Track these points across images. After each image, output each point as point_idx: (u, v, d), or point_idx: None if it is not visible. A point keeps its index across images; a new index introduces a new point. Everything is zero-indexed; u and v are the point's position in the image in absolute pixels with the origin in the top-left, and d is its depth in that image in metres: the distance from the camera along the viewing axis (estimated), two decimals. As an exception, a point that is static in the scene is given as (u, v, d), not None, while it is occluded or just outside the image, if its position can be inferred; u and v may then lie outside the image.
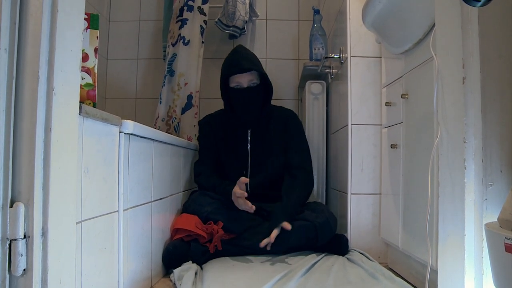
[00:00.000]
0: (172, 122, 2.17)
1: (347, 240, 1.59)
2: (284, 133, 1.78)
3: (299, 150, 1.77)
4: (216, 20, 2.41)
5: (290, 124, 1.81)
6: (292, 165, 1.72)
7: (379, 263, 1.46)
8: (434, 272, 0.95)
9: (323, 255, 1.50)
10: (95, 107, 0.88)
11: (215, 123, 1.82)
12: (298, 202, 1.61)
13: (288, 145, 1.77)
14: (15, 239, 0.61)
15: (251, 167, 1.75)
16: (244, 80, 1.69)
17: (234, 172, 1.72)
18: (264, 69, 1.74)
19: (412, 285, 1.23)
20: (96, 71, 0.94)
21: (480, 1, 0.68)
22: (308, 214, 1.56)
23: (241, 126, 1.78)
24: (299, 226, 1.50)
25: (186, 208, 1.61)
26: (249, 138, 1.77)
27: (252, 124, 1.77)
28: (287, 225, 1.45)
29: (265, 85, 1.74)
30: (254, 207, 1.47)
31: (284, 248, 1.52)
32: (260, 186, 1.72)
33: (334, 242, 1.56)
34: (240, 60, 1.69)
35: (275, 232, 1.45)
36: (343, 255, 1.52)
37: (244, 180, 1.50)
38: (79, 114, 0.76)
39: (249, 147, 1.76)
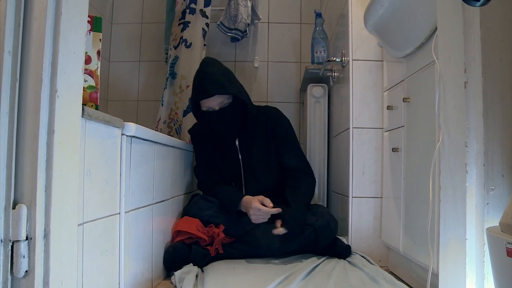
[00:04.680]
0: (174, 125, 2.17)
1: (347, 245, 1.58)
2: (274, 136, 1.71)
3: (294, 153, 1.73)
4: (218, 23, 2.41)
5: (279, 124, 1.73)
6: (292, 169, 1.69)
7: (380, 266, 1.45)
8: (435, 276, 0.95)
9: (324, 258, 1.50)
10: (97, 110, 0.88)
11: (205, 132, 1.74)
12: (305, 210, 1.57)
13: (282, 149, 1.71)
14: (18, 241, 0.62)
15: (245, 177, 1.71)
16: (214, 103, 1.58)
17: (229, 183, 1.72)
18: (237, 90, 1.61)
19: (413, 289, 1.23)
20: (98, 73, 0.94)
21: (479, 1, 0.68)
22: (308, 217, 1.55)
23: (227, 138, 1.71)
24: None
25: (187, 211, 1.61)
26: (238, 148, 1.71)
27: (237, 134, 1.70)
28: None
29: (240, 100, 1.63)
30: (278, 210, 1.50)
31: (284, 250, 1.52)
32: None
33: (334, 245, 1.55)
34: (205, 84, 1.56)
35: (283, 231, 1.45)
36: (344, 258, 1.52)
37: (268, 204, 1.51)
38: (82, 117, 0.76)
39: (240, 157, 1.71)
